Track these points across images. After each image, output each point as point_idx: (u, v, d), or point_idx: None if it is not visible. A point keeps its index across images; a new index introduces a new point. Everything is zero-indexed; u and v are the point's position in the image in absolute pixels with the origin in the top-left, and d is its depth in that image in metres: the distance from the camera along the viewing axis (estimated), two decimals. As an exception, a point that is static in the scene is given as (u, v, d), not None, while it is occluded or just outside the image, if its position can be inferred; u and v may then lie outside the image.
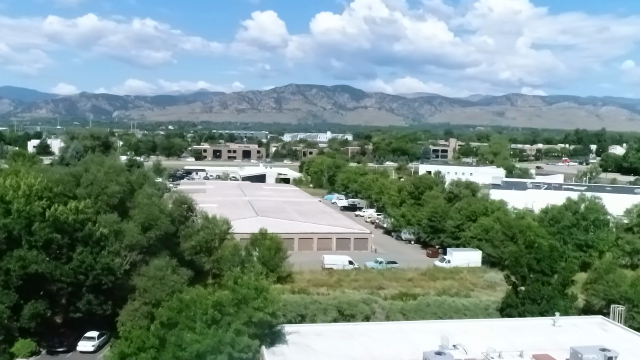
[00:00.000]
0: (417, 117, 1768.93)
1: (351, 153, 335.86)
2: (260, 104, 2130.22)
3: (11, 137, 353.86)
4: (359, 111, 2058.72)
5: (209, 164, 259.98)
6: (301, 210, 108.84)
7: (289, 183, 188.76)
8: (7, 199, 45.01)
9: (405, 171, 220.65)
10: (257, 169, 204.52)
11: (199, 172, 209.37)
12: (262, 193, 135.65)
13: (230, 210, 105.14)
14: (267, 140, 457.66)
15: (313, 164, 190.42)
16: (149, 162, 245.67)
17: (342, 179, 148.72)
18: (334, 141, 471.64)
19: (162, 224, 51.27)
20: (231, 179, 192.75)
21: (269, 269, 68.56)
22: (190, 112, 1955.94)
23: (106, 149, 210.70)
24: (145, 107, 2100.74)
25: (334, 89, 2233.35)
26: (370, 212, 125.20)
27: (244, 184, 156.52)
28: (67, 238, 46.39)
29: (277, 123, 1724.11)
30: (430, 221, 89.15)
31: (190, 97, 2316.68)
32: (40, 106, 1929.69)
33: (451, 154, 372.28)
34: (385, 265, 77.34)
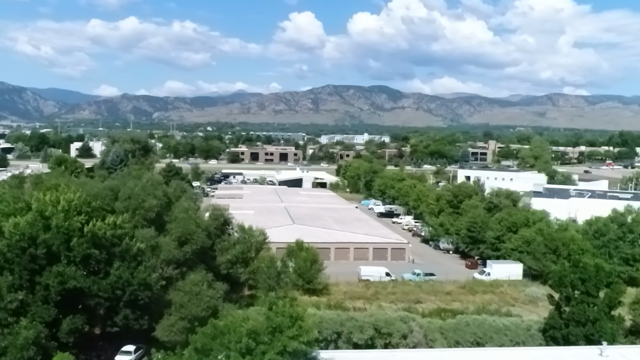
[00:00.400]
0: (455, 117, 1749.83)
1: (388, 156, 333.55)
2: (298, 104, 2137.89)
3: (55, 140, 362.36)
4: (397, 112, 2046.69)
5: (246, 167, 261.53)
6: (338, 218, 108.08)
7: (325, 187, 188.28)
8: (47, 214, 45.48)
9: (443, 175, 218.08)
10: (293, 173, 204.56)
11: (236, 176, 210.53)
12: (298, 199, 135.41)
13: (267, 218, 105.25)
14: (304, 142, 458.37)
15: (350, 168, 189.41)
16: (187, 165, 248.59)
17: (379, 185, 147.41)
18: (371, 143, 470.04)
19: (198, 238, 51.23)
20: (268, 183, 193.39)
21: (305, 280, 68.23)
22: (228, 113, 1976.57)
23: (146, 153, 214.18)
24: (185, 108, 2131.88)
25: (371, 90, 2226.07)
26: (408, 219, 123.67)
27: (281, 189, 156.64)
28: (104, 253, 46.65)
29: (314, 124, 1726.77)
30: (469, 231, 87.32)
31: (229, 98, 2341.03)
32: (83, 107, 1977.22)
33: (490, 156, 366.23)
34: (423, 277, 75.99)
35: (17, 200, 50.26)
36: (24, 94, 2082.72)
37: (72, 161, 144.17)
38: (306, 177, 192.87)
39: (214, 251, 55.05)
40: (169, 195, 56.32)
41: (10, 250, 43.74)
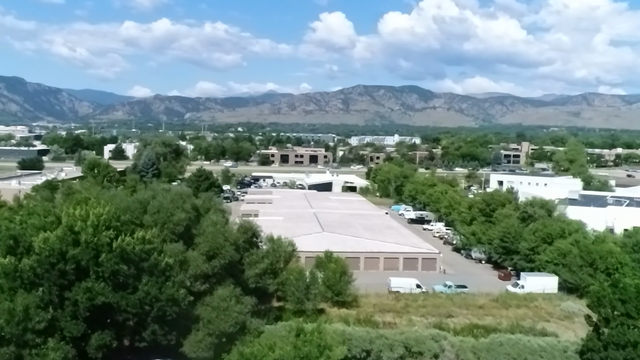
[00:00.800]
0: (487, 117, 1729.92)
1: (419, 158, 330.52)
2: (328, 105, 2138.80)
3: (89, 142, 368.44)
4: (428, 112, 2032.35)
5: (276, 170, 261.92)
6: (367, 225, 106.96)
7: (355, 191, 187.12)
8: (76, 229, 45.50)
9: (475, 179, 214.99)
10: (323, 177, 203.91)
11: (266, 179, 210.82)
12: (328, 204, 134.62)
13: (296, 224, 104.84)
14: (334, 144, 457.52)
15: (380, 172, 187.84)
16: (218, 168, 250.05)
17: (410, 190, 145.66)
18: (402, 145, 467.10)
19: (226, 253, 50.79)
20: (298, 186, 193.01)
21: (334, 293, 67.41)
22: (259, 113, 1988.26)
23: (177, 156, 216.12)
24: (216, 108, 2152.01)
25: (402, 90, 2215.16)
26: (439, 226, 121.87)
27: (310, 194, 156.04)
28: (133, 268, 46.44)
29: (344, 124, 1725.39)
30: (502, 242, 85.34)
31: (259, 98, 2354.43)
32: (117, 108, 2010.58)
33: (523, 158, 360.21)
34: (455, 290, 74.44)
35: (47, 213, 50.49)
36: (59, 95, 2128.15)
37: (105, 165, 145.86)
38: (336, 181, 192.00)
39: (243, 264, 54.56)
40: (198, 207, 55.97)
41: (40, 266, 43.86)
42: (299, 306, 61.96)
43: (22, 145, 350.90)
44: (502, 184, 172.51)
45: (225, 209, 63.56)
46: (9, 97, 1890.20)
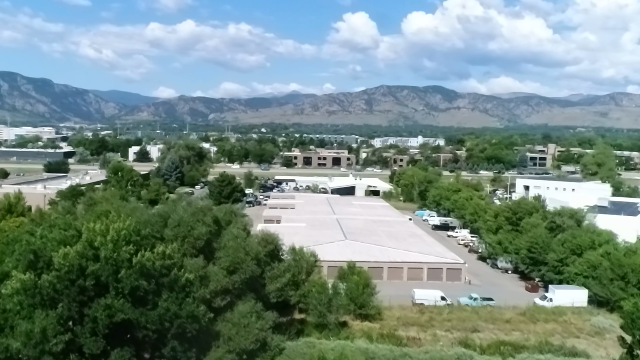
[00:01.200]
0: (512, 118, 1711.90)
1: (443, 160, 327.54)
2: (351, 105, 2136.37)
3: (114, 144, 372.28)
4: (452, 112, 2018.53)
5: (299, 173, 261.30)
6: (391, 233, 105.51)
7: (378, 195, 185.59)
8: (96, 245, 45.05)
9: (500, 183, 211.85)
10: (346, 181, 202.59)
11: (289, 183, 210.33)
12: (351, 210, 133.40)
13: (319, 231, 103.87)
14: (357, 146, 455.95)
15: (404, 176, 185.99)
16: (241, 171, 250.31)
17: (434, 196, 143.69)
18: (425, 146, 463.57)
19: (247, 268, 49.94)
20: (320, 190, 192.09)
21: (357, 305, 66.20)
22: (282, 114, 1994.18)
23: (200, 159, 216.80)
24: (240, 109, 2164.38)
25: (426, 90, 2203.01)
26: (464, 233, 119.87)
27: (333, 199, 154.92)
28: (153, 283, 45.81)
29: (367, 125, 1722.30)
30: (529, 252, 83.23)
31: (283, 99, 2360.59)
32: (142, 109, 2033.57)
33: (550, 161, 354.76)
34: (480, 302, 72.65)
35: (68, 226, 50.18)
36: (86, 96, 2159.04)
37: (128, 170, 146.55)
38: (359, 185, 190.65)
39: (264, 278, 53.71)
40: (219, 220, 55.23)
41: (60, 282, 43.45)
42: (321, 320, 60.86)
43: (49, 147, 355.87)
44: (528, 189, 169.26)
45: (246, 220, 62.38)
46: (37, 99, 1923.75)
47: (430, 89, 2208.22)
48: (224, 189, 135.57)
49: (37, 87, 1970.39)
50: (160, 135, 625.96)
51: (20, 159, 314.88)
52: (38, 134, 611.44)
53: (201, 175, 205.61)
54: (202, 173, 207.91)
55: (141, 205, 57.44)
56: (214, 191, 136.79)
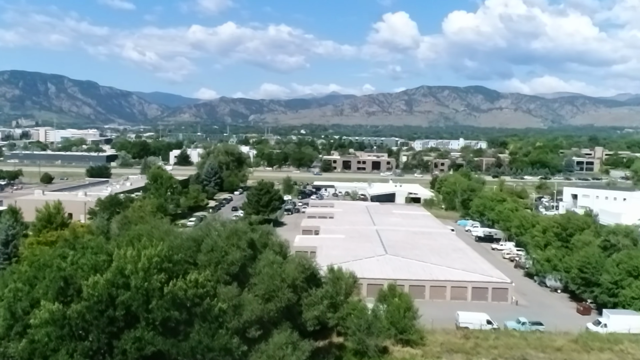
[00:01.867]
0: (556, 118, 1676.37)
1: (486, 165, 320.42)
2: (391, 106, 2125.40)
3: (155, 147, 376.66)
4: (494, 113, 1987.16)
5: (338, 178, 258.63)
6: (433, 246, 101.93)
7: (419, 202, 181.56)
8: (127, 273, 43.40)
9: (546, 190, 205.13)
10: (386, 187, 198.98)
11: (327, 189, 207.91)
12: (391, 220, 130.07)
13: (358, 244, 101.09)
14: (397, 148, 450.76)
15: (445, 183, 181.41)
16: (280, 175, 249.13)
17: (478, 205, 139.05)
18: (467, 149, 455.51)
19: (283, 296, 47.62)
20: (360, 197, 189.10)
21: (398, 330, 63.20)
22: (321, 115, 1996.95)
23: (239, 165, 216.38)
24: (279, 110, 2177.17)
25: (467, 90, 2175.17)
26: (509, 246, 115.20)
27: (373, 207, 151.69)
28: (185, 314, 43.93)
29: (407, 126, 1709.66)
30: (581, 272, 78.67)
31: (322, 100, 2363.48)
32: (184, 111, 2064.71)
33: (597, 165, 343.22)
34: (529, 327, 68.69)
35: (99, 250, 48.76)
36: (130, 98, 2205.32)
37: (167, 177, 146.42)
38: (399, 192, 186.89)
39: (300, 305, 51.27)
40: (254, 242, 53.02)
41: (89, 312, 41.93)
42: (360, 346, 58.13)
43: (93, 150, 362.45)
44: (576, 198, 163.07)
45: (283, 241, 60.05)
46: (83, 101, 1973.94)
47: (472, 89, 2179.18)
48: (262, 198, 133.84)
49: (83, 90, 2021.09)
50: (201, 138, 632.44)
51: (64, 162, 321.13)
52: (83, 136, 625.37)
53: (240, 181, 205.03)
54: (241, 179, 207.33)
55: (175, 229, 55.60)
56: (252, 199, 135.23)
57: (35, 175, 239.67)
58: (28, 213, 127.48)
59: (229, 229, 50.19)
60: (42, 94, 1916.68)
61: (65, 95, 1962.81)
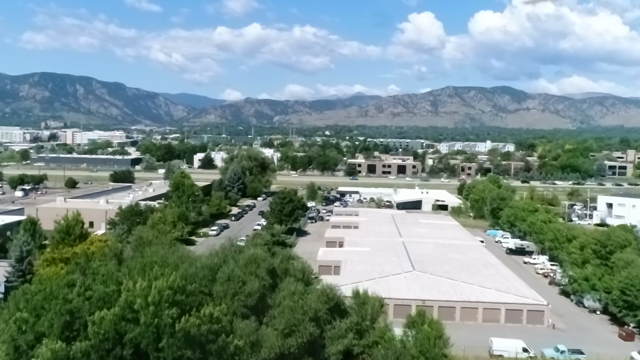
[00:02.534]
0: (585, 119, 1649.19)
1: (514, 169, 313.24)
2: (416, 107, 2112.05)
3: (180, 150, 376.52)
4: (521, 113, 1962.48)
5: (363, 183, 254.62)
6: (463, 261, 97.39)
7: (446, 210, 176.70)
8: (136, 307, 40.24)
9: (578, 197, 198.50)
10: (412, 193, 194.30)
11: (352, 195, 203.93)
12: (418, 231, 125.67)
13: (384, 259, 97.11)
14: (423, 151, 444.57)
15: (474, 190, 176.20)
16: (303, 180, 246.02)
17: (508, 215, 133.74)
18: (495, 152, 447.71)
19: (305, 330, 44.08)
20: (385, 204, 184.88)
21: None
22: (346, 116, 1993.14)
23: (263, 170, 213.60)
24: (304, 111, 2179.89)
25: (494, 91, 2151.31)
26: (543, 260, 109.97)
27: (399, 216, 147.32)
28: (198, 352, 40.68)
29: (433, 127, 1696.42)
30: (623, 294, 73.63)
31: (347, 101, 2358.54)
32: (209, 112, 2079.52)
33: (630, 170, 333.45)
34: (569, 356, 64.05)
35: (109, 278, 45.73)
36: (156, 99, 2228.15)
37: (189, 185, 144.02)
38: (425, 199, 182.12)
39: (323, 338, 47.70)
40: (274, 269, 49.54)
41: (95, 352, 38.90)
42: None
43: (118, 154, 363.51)
44: (611, 207, 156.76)
45: (305, 267, 56.37)
46: (110, 102, 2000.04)
47: (499, 89, 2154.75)
48: (285, 207, 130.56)
49: (111, 91, 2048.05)
50: (226, 140, 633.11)
51: (90, 165, 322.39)
52: (109, 138, 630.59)
53: (263, 187, 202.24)
54: (265, 184, 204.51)
55: (190, 255, 52.30)
56: (275, 208, 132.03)
57: (60, 180, 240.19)
58: (49, 221, 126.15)
59: (247, 256, 46.72)
60: (71, 96, 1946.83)
61: (94, 96, 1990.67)
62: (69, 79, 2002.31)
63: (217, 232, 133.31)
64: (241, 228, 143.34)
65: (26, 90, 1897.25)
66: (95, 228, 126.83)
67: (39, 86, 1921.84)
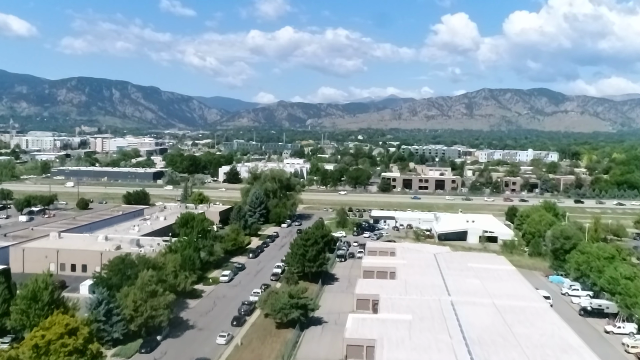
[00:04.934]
0: (626, 121, 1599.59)
1: (564, 185, 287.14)
2: (451, 109, 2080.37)
3: (206, 160, 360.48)
4: (559, 116, 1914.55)
5: (399, 203, 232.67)
6: (533, 340, 75.30)
7: (495, 242, 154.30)
8: None
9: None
10: (455, 221, 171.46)
11: (387, 221, 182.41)
12: (468, 283, 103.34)
13: (430, 336, 75.86)
14: (461, 162, 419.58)
15: (528, 221, 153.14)
16: (334, 198, 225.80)
17: (579, 263, 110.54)
18: (538, 163, 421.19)
19: None
20: (425, 234, 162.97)
21: None
22: (379, 119, 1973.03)
23: (288, 191, 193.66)
24: (337, 114, 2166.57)
25: (530, 93, 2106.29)
26: (631, 328, 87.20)
27: (444, 259, 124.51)
28: None
29: (468, 130, 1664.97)
30: None
31: (380, 103, 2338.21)
32: (242, 115, 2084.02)
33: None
34: None
35: None
36: (190, 103, 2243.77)
37: (200, 220, 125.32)
38: (471, 230, 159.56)
39: None
40: None
41: None
42: None
43: (142, 165, 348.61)
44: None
45: None
46: (145, 106, 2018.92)
47: (535, 91, 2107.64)
48: (309, 250, 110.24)
49: (146, 95, 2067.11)
50: (256, 147, 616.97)
51: (110, 178, 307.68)
52: (138, 146, 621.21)
53: (288, 211, 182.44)
54: (290, 208, 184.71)
55: None
56: (296, 252, 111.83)
57: (74, 198, 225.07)
58: (37, 264, 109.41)
59: None
60: (107, 100, 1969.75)
61: (129, 100, 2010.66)
62: (106, 83, 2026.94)
63: (229, 278, 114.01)
64: (259, 270, 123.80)
65: (64, 95, 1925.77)
66: (89, 271, 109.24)
67: (76, 90, 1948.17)
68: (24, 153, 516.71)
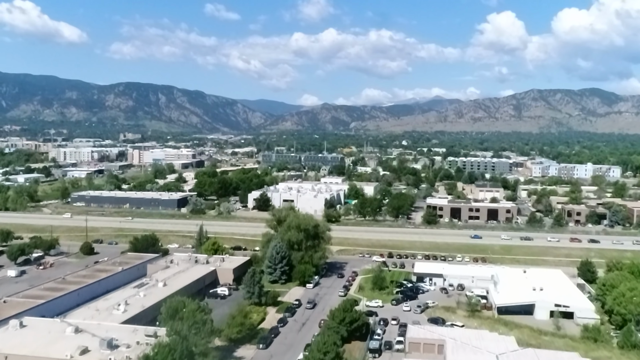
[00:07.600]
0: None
1: (637, 216, 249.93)
2: (498, 111, 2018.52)
3: (238, 180, 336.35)
4: (612, 117, 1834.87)
5: (446, 244, 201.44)
6: None
7: (571, 318, 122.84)
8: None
9: None
10: (519, 289, 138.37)
11: (434, 279, 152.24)
12: None
13: None
14: (514, 180, 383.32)
15: (615, 295, 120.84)
16: (372, 237, 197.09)
17: None
18: (600, 181, 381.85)
19: None
20: (480, 305, 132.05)
21: None
22: (424, 121, 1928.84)
23: (315, 240, 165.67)
24: (381, 117, 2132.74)
25: (582, 93, 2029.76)
26: None
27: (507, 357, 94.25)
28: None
29: (516, 132, 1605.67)
30: None
31: (425, 105, 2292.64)
32: (286, 119, 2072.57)
33: None
34: None
35: None
36: (235, 106, 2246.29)
37: (191, 311, 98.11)
38: (540, 302, 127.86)
39: None
40: None
41: None
42: None
43: (168, 189, 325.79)
44: None
45: None
46: (190, 110, 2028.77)
47: (587, 91, 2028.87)
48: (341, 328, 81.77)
49: (192, 99, 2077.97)
50: (294, 160, 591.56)
51: (133, 205, 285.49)
52: (175, 159, 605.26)
53: (315, 266, 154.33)
54: (317, 262, 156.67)
55: None
56: (331, 327, 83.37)
57: (82, 237, 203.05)
58: None
59: None
60: (153, 104, 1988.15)
61: (175, 105, 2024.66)
62: (152, 88, 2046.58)
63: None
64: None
65: (112, 100, 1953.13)
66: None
67: (124, 95, 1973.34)
68: (59, 167, 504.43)
